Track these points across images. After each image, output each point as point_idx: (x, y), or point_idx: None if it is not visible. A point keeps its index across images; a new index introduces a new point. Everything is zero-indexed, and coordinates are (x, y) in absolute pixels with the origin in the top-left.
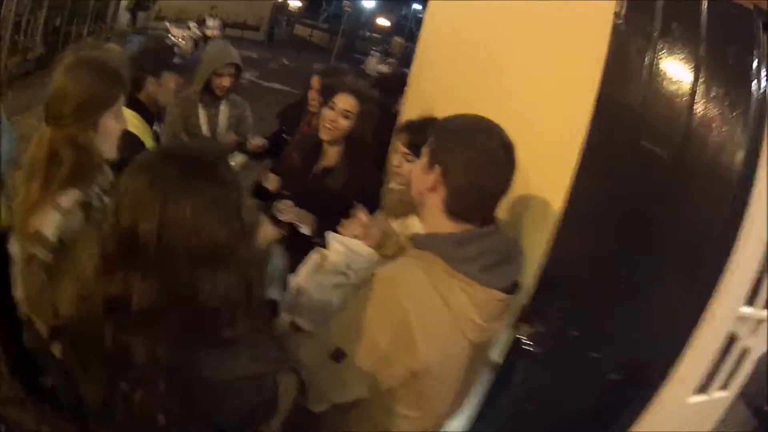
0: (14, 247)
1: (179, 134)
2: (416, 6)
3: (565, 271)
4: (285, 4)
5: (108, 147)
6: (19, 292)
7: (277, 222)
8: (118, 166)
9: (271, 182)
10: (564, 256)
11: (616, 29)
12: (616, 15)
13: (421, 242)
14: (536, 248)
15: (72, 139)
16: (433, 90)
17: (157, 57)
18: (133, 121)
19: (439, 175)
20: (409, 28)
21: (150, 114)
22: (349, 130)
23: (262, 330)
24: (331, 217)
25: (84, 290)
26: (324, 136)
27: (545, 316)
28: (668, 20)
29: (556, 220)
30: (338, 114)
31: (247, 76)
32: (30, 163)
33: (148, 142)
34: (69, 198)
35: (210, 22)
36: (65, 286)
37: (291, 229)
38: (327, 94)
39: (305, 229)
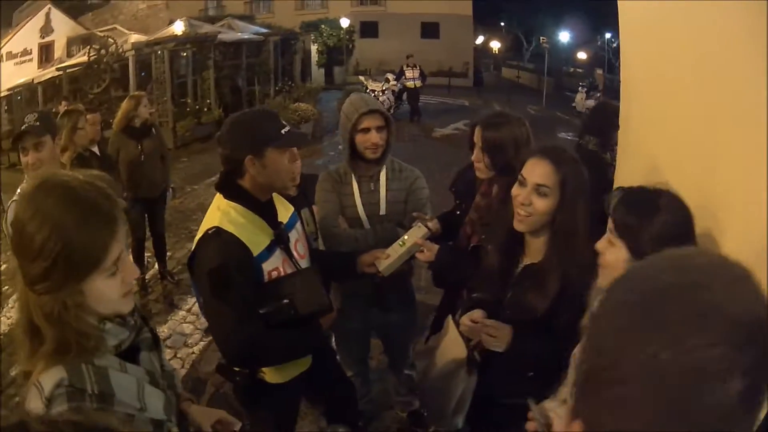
0: None
1: (334, 218)
2: (608, 35)
3: None
4: (487, 47)
5: (109, 307)
6: None
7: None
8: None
9: (427, 253)
10: None
11: None
12: None
13: None
14: None
15: (49, 312)
16: (645, 130)
17: (256, 131)
18: (232, 217)
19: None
20: (607, 59)
21: (259, 203)
22: (551, 210)
23: None
24: (534, 330)
25: None
26: (519, 227)
27: None
28: None
29: None
30: (531, 191)
31: (460, 125)
32: (18, 326)
33: (259, 240)
34: (51, 380)
35: (409, 73)
36: None
37: (479, 343)
38: (493, 153)
39: (497, 346)
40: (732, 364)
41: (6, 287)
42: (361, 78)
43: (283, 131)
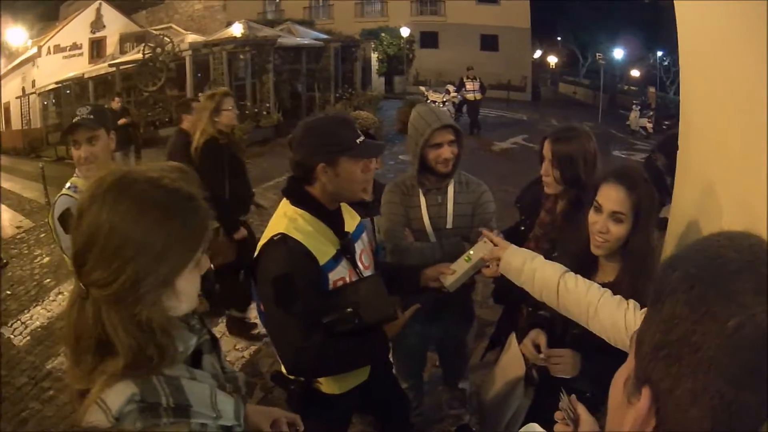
0: None
1: (400, 230)
2: (659, 53)
3: None
4: (544, 62)
5: (188, 305)
6: None
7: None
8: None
9: (493, 268)
10: None
11: None
12: None
13: None
14: None
15: (131, 317)
16: (705, 148)
17: (331, 139)
18: (300, 224)
19: (647, 407)
20: (659, 77)
21: (327, 212)
22: (627, 234)
23: None
24: (601, 350)
25: None
26: (597, 251)
27: None
28: None
29: None
30: (607, 218)
31: (519, 139)
32: (69, 337)
33: (326, 249)
34: (119, 397)
35: (469, 85)
36: None
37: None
38: (563, 166)
39: (565, 373)
40: None
41: (48, 280)
42: (422, 88)
43: (358, 140)
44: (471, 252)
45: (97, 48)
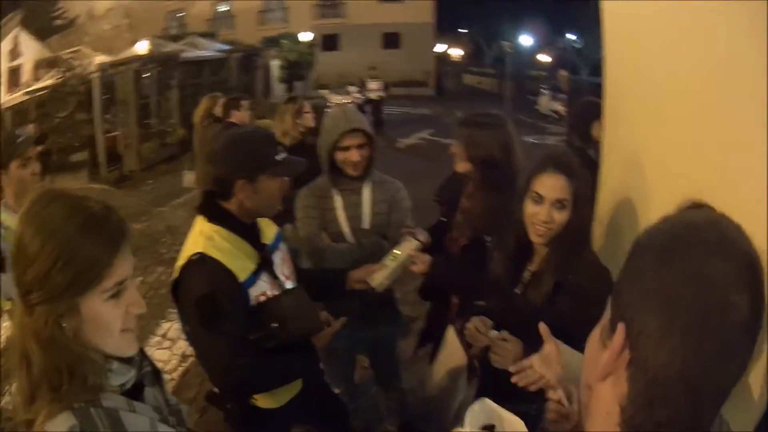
0: None
1: (316, 234)
2: (570, 36)
3: None
4: (447, 55)
5: (107, 341)
6: None
7: (467, 346)
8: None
9: (420, 265)
10: None
11: None
12: None
13: None
14: None
15: (37, 332)
16: (633, 129)
17: (253, 155)
18: (217, 242)
19: (622, 341)
20: (571, 60)
21: (244, 226)
22: (567, 220)
23: None
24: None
25: None
26: (539, 239)
27: None
28: None
29: None
30: (551, 208)
31: (425, 135)
32: (10, 359)
33: (245, 265)
34: (59, 428)
35: (372, 84)
36: None
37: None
38: (473, 150)
39: (504, 365)
40: (739, 283)
41: None
42: (324, 92)
43: (278, 157)
44: (396, 251)
45: (13, 77)
